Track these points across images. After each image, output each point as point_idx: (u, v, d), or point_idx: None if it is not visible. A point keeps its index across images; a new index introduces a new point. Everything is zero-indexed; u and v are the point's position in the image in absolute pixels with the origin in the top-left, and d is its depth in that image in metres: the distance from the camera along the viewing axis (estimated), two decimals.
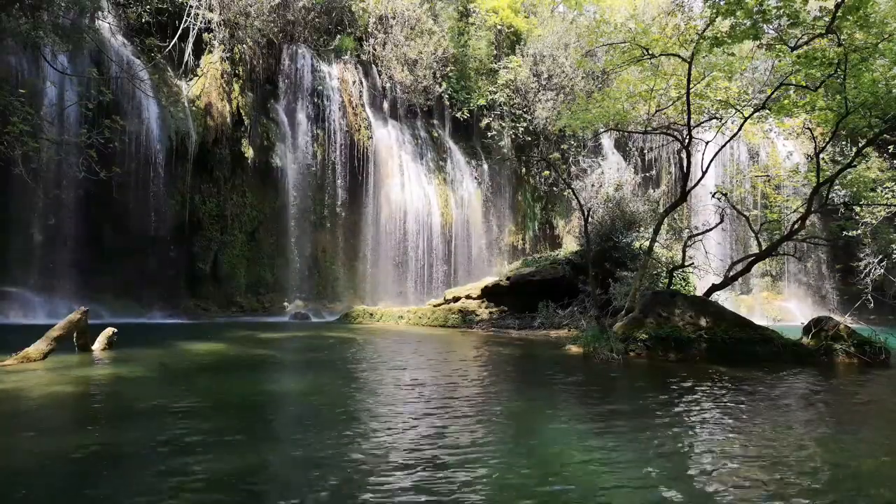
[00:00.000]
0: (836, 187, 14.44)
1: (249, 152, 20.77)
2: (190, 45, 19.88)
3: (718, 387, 7.17)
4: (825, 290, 25.94)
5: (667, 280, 13.87)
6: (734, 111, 13.40)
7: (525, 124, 26.48)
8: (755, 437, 4.79)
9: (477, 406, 5.89)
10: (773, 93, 12.49)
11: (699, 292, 13.83)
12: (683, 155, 13.18)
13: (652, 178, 27.44)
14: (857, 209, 17.96)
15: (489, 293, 17.95)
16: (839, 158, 19.51)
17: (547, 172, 27.19)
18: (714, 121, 13.88)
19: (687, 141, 12.67)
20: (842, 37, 10.10)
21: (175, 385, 6.82)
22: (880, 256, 20.75)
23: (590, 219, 14.10)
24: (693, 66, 11.70)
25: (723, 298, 15.75)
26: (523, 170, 27.88)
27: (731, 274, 12.52)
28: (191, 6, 19.55)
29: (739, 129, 13.43)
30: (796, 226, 12.31)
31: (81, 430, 4.77)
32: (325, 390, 6.76)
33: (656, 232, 13.31)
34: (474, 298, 18.09)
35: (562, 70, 26.20)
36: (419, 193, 24.17)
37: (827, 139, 13.66)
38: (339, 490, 3.41)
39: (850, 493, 3.61)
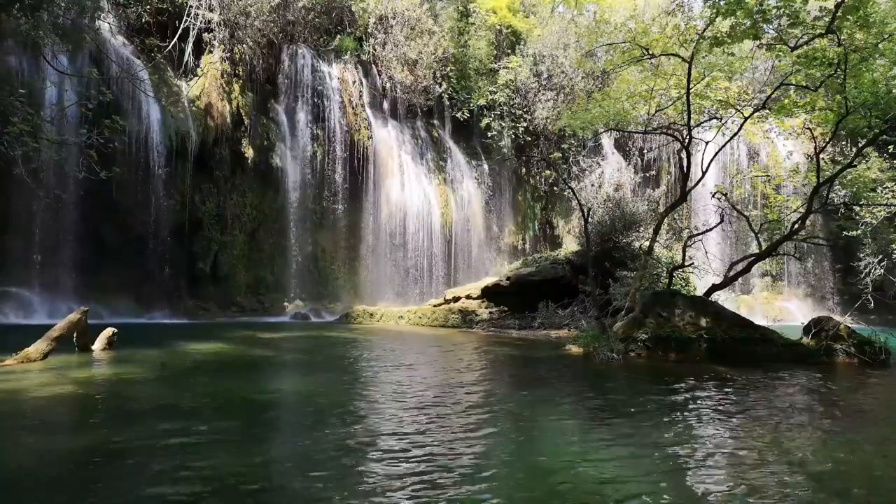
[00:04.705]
0: (836, 187, 14.40)
1: (249, 152, 20.76)
2: (190, 45, 19.87)
3: (718, 387, 7.16)
4: (825, 290, 25.91)
5: (667, 280, 13.86)
6: (734, 111, 13.40)
7: (525, 124, 26.46)
8: (755, 438, 4.78)
9: (477, 405, 5.89)
10: (773, 93, 12.48)
11: (699, 292, 13.83)
12: (683, 155, 13.17)
13: (652, 178, 27.43)
14: (857, 209, 17.92)
15: (489, 293, 17.94)
16: (839, 158, 19.47)
17: (547, 172, 27.18)
18: (714, 121, 13.87)
19: (687, 141, 12.67)
20: (842, 37, 10.09)
21: (175, 385, 6.82)
22: (880, 256, 20.73)
23: (590, 219, 14.10)
24: (693, 66, 11.69)
25: (723, 298, 15.74)
26: (523, 170, 27.86)
27: (731, 274, 12.51)
28: (191, 6, 19.54)
29: (739, 129, 13.42)
30: (796, 226, 12.29)
31: (82, 430, 4.77)
32: (325, 391, 6.76)
33: (656, 232, 13.30)
34: (474, 298, 18.09)
35: (562, 70, 26.18)
36: (419, 193, 24.16)
37: (827, 139, 13.65)
38: (339, 489, 3.40)
39: (852, 495, 3.60)
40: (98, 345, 9.07)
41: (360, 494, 3.34)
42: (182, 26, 19.47)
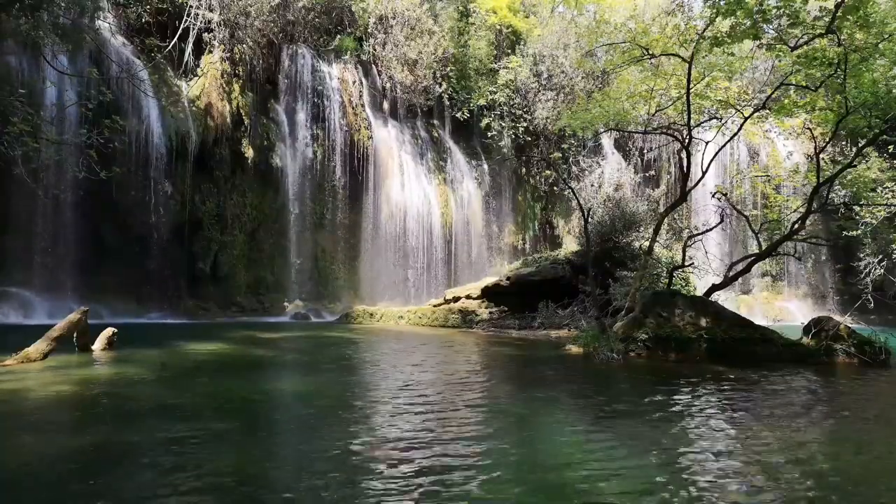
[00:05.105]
0: (836, 187, 14.41)
1: (249, 152, 20.76)
2: (190, 45, 19.88)
3: (718, 387, 7.16)
4: (825, 290, 25.91)
5: (667, 280, 13.86)
6: (734, 111, 13.40)
7: (525, 124, 26.46)
8: (757, 438, 4.78)
9: (478, 405, 5.89)
10: (773, 93, 12.49)
11: (699, 292, 13.83)
12: (683, 155, 13.18)
13: (652, 178, 27.43)
14: (857, 209, 17.95)
15: (489, 293, 17.94)
16: (839, 158, 19.47)
17: (547, 172, 27.18)
18: (714, 121, 13.87)
19: (687, 141, 12.67)
20: (842, 37, 10.09)
21: (175, 385, 6.81)
22: (880, 256, 20.74)
23: (590, 219, 14.10)
24: (693, 66, 11.69)
25: (723, 298, 15.73)
26: (523, 170, 27.86)
27: (731, 274, 12.51)
28: (191, 6, 19.54)
29: (739, 129, 13.42)
30: (796, 226, 12.29)
31: (81, 430, 4.77)
32: (325, 391, 6.76)
33: (656, 232, 13.31)
34: (474, 298, 18.08)
35: (562, 70, 26.18)
36: (419, 193, 24.17)
37: (827, 139, 13.65)
38: (340, 490, 3.40)
39: (856, 495, 3.60)
40: (98, 345, 9.06)
41: (361, 495, 3.34)
42: (182, 26, 19.47)
